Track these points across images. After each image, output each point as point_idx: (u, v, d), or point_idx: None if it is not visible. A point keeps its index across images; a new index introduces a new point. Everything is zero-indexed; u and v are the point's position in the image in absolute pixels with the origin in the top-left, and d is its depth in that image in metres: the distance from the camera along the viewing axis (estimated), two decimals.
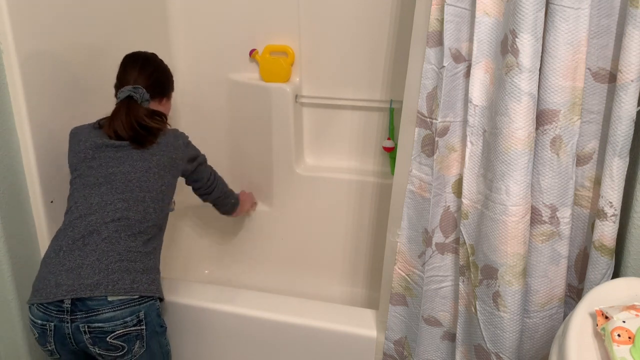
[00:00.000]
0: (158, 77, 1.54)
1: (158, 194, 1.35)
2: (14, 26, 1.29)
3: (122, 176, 1.32)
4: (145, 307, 1.25)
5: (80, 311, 1.20)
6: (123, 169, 1.33)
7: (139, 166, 1.34)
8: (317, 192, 2.05)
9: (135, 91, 1.42)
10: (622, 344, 0.75)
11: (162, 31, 1.98)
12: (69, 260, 1.23)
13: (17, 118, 1.35)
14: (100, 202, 1.29)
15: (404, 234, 1.31)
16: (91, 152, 1.35)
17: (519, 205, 1.08)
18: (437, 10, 1.12)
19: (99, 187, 1.31)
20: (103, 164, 1.34)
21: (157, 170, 1.36)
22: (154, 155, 1.37)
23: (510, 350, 1.17)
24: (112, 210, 1.28)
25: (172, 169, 1.41)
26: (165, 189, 1.38)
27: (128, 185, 1.32)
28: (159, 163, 1.37)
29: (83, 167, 1.35)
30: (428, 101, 1.19)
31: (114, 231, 1.26)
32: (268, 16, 1.92)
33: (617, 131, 0.98)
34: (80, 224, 1.27)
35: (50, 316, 1.21)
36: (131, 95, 1.42)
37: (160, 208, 1.36)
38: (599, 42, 1.03)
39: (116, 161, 1.34)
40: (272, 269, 2.18)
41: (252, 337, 1.53)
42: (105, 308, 1.20)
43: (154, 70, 1.52)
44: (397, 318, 1.41)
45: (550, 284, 1.15)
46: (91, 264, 1.22)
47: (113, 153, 1.35)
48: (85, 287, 1.19)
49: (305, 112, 2.05)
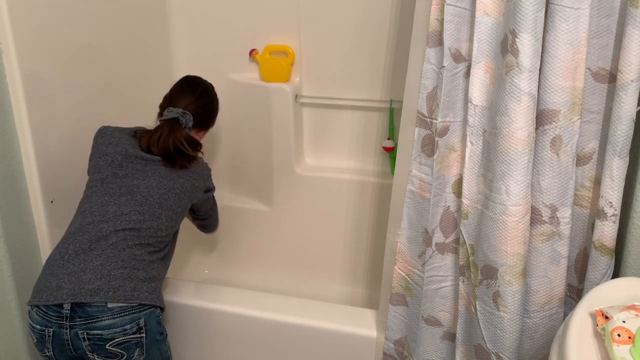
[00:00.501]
0: (209, 110, 1.59)
1: (173, 214, 1.36)
2: (14, 26, 1.29)
3: (145, 190, 1.33)
4: (145, 315, 1.24)
5: (79, 317, 1.18)
6: (148, 182, 1.35)
7: (164, 184, 1.36)
8: (317, 192, 2.05)
9: (184, 116, 1.46)
10: (622, 344, 0.75)
11: (162, 31, 1.98)
12: (73, 264, 1.22)
13: (17, 118, 1.35)
14: (116, 211, 1.29)
15: (404, 234, 1.31)
16: (119, 159, 1.36)
17: (519, 205, 1.08)
18: (437, 10, 1.12)
19: (119, 197, 1.31)
20: (129, 175, 1.35)
21: (179, 192, 1.38)
22: (180, 177, 1.40)
23: (510, 350, 1.17)
24: (125, 220, 1.28)
25: (191, 195, 1.43)
26: (181, 211, 1.40)
27: (148, 199, 1.32)
28: (182, 186, 1.39)
29: (108, 172, 1.35)
30: (428, 101, 1.19)
31: (122, 239, 1.26)
32: (268, 16, 1.92)
33: (617, 131, 0.98)
34: (92, 229, 1.26)
35: (49, 322, 1.19)
36: (178, 118, 1.45)
37: (171, 227, 1.37)
38: (599, 42, 1.03)
39: (143, 174, 1.36)
40: (272, 269, 2.18)
41: (252, 337, 1.53)
42: (105, 315, 1.19)
43: (208, 103, 1.57)
44: (397, 318, 1.41)
45: (550, 284, 1.15)
46: (94, 269, 1.21)
47: (142, 166, 1.37)
48: (85, 292, 1.18)
49: (305, 112, 2.05)
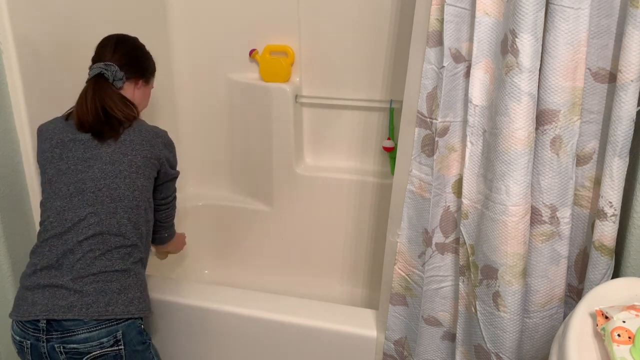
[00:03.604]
0: (136, 55, 1.41)
1: (131, 202, 1.26)
2: (14, 26, 1.29)
3: (92, 183, 1.24)
4: (123, 327, 1.21)
5: (56, 331, 1.17)
6: (92, 174, 1.24)
7: (108, 170, 1.24)
8: (317, 192, 2.05)
9: (107, 68, 1.31)
10: (622, 344, 0.75)
11: (162, 31, 1.98)
12: (44, 279, 1.19)
13: (17, 118, 1.35)
14: (73, 217, 1.22)
15: (404, 234, 1.31)
16: (58, 151, 1.26)
17: (519, 205, 1.08)
18: (437, 10, 1.12)
19: (71, 199, 1.23)
20: (72, 167, 1.25)
21: (128, 173, 1.26)
22: (125, 155, 1.26)
23: (510, 350, 1.17)
24: (85, 227, 1.21)
25: (146, 170, 1.29)
26: (139, 194, 1.28)
27: (98, 195, 1.23)
28: (131, 164, 1.26)
29: (52, 170, 1.26)
30: (428, 101, 1.19)
31: (88, 250, 1.21)
32: (268, 16, 1.92)
33: (617, 131, 0.98)
34: (57, 242, 1.21)
35: (27, 334, 1.18)
36: (102, 73, 1.30)
37: (136, 215, 1.27)
38: (599, 42, 1.03)
39: (85, 163, 1.25)
40: (272, 269, 2.18)
41: (252, 337, 1.53)
42: (81, 329, 1.17)
43: (131, 49, 1.40)
44: (397, 318, 1.41)
45: (550, 284, 1.15)
46: (65, 285, 1.18)
47: (81, 152, 1.25)
48: (58, 309, 1.16)
49: (305, 112, 2.05)
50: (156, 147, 1.32)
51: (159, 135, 1.34)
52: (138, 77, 1.40)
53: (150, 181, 1.32)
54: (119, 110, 1.28)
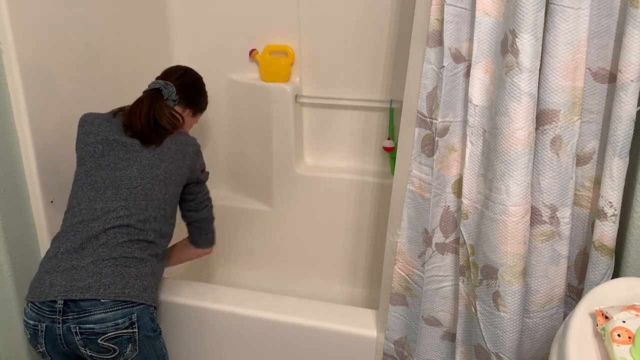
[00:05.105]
0: (195, 87, 1.56)
1: (161, 203, 1.34)
2: (14, 26, 1.29)
3: (128, 181, 1.31)
4: (138, 310, 1.24)
5: (72, 312, 1.19)
6: (130, 173, 1.32)
7: (146, 172, 1.33)
8: (317, 192, 2.05)
9: (166, 87, 1.43)
10: (622, 344, 0.75)
11: (162, 31, 1.98)
12: (65, 262, 1.23)
13: (17, 118, 1.35)
14: (103, 207, 1.28)
15: (404, 234, 1.31)
16: (101, 148, 1.34)
17: (519, 205, 1.08)
18: (437, 10, 1.12)
19: (104, 191, 1.30)
20: (112, 165, 1.33)
21: (164, 178, 1.34)
22: (162, 161, 1.35)
23: (510, 350, 1.17)
24: (113, 218, 1.27)
25: (177, 177, 1.38)
26: (169, 197, 1.36)
27: (132, 192, 1.30)
28: (166, 171, 1.35)
29: (91, 163, 1.33)
30: (428, 101, 1.19)
31: (112, 237, 1.26)
32: (268, 16, 1.92)
33: (617, 131, 0.98)
34: (83, 229, 1.26)
35: (42, 316, 1.20)
36: (160, 89, 1.42)
37: (162, 217, 1.34)
38: (599, 42, 1.03)
39: (125, 163, 1.33)
40: (272, 269, 2.18)
41: (252, 337, 1.52)
42: (97, 309, 1.19)
43: (193, 81, 1.56)
44: (397, 318, 1.41)
45: (550, 284, 1.15)
46: (85, 267, 1.22)
47: (123, 153, 1.34)
48: (77, 289, 1.19)
49: (305, 112, 2.05)
50: (187, 156, 1.41)
51: (189, 144, 1.43)
52: (188, 106, 1.53)
53: (179, 188, 1.41)
54: (168, 122, 1.40)
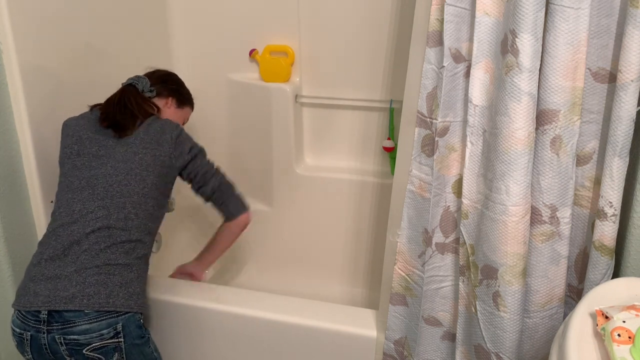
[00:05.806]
0: (168, 78, 1.57)
1: (140, 198, 1.29)
2: (14, 26, 1.29)
3: (104, 179, 1.29)
4: (123, 320, 1.22)
5: (56, 322, 1.18)
6: (105, 170, 1.30)
7: (120, 168, 1.30)
8: (317, 192, 2.05)
9: (138, 80, 1.44)
10: (622, 344, 0.75)
11: (162, 31, 1.98)
12: (48, 270, 1.21)
13: (17, 118, 1.35)
14: (81, 209, 1.26)
15: (404, 234, 1.31)
16: (76, 148, 1.33)
17: (519, 205, 1.08)
18: (437, 10, 1.12)
19: (81, 192, 1.28)
20: (86, 164, 1.31)
21: (139, 171, 1.30)
22: (136, 154, 1.32)
23: (510, 350, 1.17)
24: (92, 220, 1.25)
25: (156, 167, 1.33)
26: (148, 191, 1.31)
27: (109, 190, 1.28)
28: (141, 162, 1.31)
29: (68, 165, 1.33)
30: (428, 101, 1.19)
31: (94, 243, 1.23)
32: (268, 16, 1.92)
33: (617, 131, 0.98)
34: (64, 232, 1.25)
35: (27, 325, 1.19)
36: (134, 84, 1.43)
37: (143, 213, 1.30)
38: (599, 42, 1.03)
39: (98, 161, 1.31)
40: (272, 269, 2.18)
41: (251, 337, 1.52)
42: (81, 320, 1.18)
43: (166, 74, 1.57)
44: (397, 318, 1.41)
45: (550, 284, 1.15)
46: (69, 276, 1.20)
47: (96, 150, 1.32)
48: (60, 300, 1.18)
49: (305, 112, 2.05)
50: (164, 144, 1.36)
51: (165, 132, 1.37)
52: (167, 95, 1.53)
53: (162, 178, 1.35)
54: (137, 105, 1.39)
